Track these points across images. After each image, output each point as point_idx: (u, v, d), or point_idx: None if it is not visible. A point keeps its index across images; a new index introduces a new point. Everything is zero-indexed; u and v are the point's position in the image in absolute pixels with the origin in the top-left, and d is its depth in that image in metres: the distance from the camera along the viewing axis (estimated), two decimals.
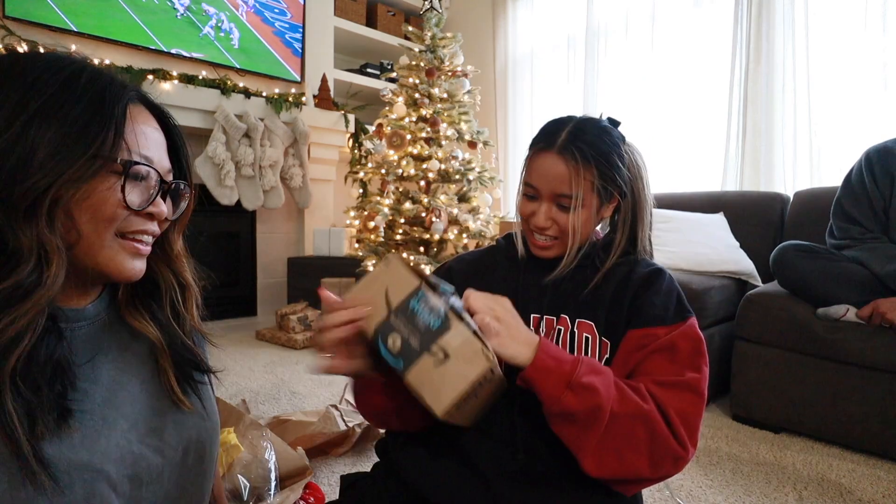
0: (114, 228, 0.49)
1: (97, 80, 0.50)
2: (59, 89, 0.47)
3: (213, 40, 2.90)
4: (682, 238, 2.04)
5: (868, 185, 1.55)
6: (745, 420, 1.68)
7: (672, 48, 2.79)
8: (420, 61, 2.84)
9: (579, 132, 0.74)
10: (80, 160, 0.46)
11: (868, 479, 1.33)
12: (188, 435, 0.56)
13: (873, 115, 2.15)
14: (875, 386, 1.42)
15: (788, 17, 2.33)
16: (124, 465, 0.49)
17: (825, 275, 1.52)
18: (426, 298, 0.57)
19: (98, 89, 0.49)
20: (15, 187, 0.44)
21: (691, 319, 0.72)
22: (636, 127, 2.92)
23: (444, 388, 0.53)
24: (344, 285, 2.89)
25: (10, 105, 0.45)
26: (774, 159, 2.40)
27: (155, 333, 0.57)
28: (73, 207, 0.47)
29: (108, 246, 0.50)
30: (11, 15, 2.30)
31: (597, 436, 0.61)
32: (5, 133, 0.44)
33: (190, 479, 0.57)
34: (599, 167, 0.73)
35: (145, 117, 0.54)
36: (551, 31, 3.38)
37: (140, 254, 0.52)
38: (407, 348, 0.55)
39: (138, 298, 0.58)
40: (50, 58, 0.49)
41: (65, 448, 0.45)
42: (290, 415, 1.51)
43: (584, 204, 0.74)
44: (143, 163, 0.50)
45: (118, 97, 0.50)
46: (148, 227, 0.53)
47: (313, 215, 3.42)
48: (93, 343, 0.53)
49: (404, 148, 2.73)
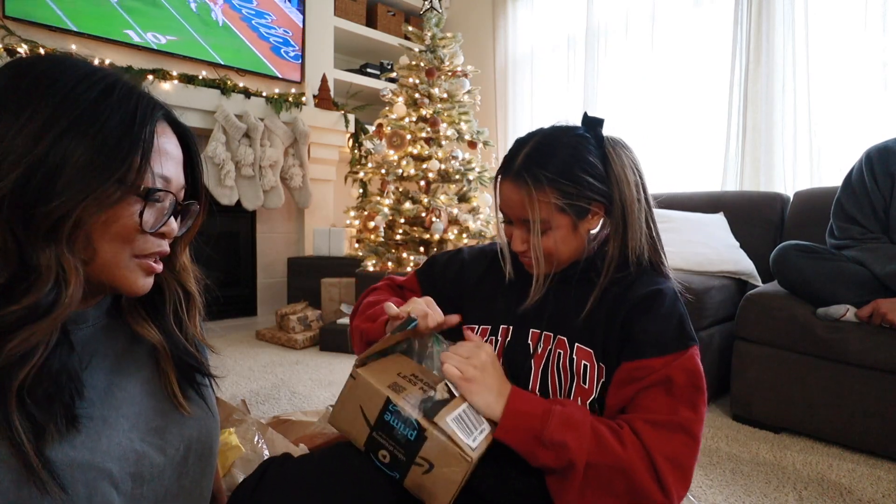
0: (130, 250, 0.49)
1: (129, 97, 0.49)
2: (91, 105, 0.46)
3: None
4: (681, 238, 2.04)
5: (868, 184, 1.55)
6: (745, 420, 1.68)
7: (672, 48, 2.79)
8: (420, 61, 2.84)
9: (535, 154, 0.72)
10: (107, 184, 0.45)
11: (868, 479, 1.33)
12: (189, 434, 0.56)
13: (873, 115, 2.14)
14: (875, 386, 1.42)
15: (788, 17, 2.33)
16: (127, 463, 0.49)
17: (825, 275, 1.52)
18: (398, 411, 0.60)
19: (130, 108, 0.48)
20: (39, 206, 0.43)
21: (693, 349, 0.67)
22: (636, 127, 2.92)
23: (437, 492, 0.59)
24: (344, 285, 2.89)
25: (41, 118, 0.44)
26: (774, 159, 2.39)
27: (158, 338, 0.57)
28: (92, 229, 0.46)
29: (125, 266, 0.50)
30: (11, 15, 2.30)
31: (575, 487, 0.61)
32: (35, 148, 0.43)
33: (191, 477, 0.57)
34: (558, 187, 0.70)
35: (167, 133, 0.53)
36: (551, 31, 3.38)
37: (153, 271, 0.53)
38: (395, 461, 0.60)
39: (142, 304, 0.58)
40: (83, 68, 0.48)
41: (67, 449, 0.45)
42: (290, 415, 1.51)
43: (555, 225, 0.72)
44: (163, 189, 0.50)
45: (147, 118, 0.49)
46: (162, 246, 0.53)
47: (313, 215, 3.42)
48: (91, 345, 0.53)
49: (404, 148, 2.73)
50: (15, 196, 0.42)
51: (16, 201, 0.42)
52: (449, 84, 2.87)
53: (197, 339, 0.63)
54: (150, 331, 0.56)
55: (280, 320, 2.76)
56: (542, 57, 3.45)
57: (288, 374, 2.17)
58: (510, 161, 0.75)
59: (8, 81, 0.45)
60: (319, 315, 2.81)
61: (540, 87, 3.47)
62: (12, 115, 0.43)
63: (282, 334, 2.68)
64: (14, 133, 0.43)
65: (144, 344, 0.57)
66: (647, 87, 2.89)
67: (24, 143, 0.43)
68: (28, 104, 0.44)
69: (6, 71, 0.47)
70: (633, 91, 2.94)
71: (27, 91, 0.45)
